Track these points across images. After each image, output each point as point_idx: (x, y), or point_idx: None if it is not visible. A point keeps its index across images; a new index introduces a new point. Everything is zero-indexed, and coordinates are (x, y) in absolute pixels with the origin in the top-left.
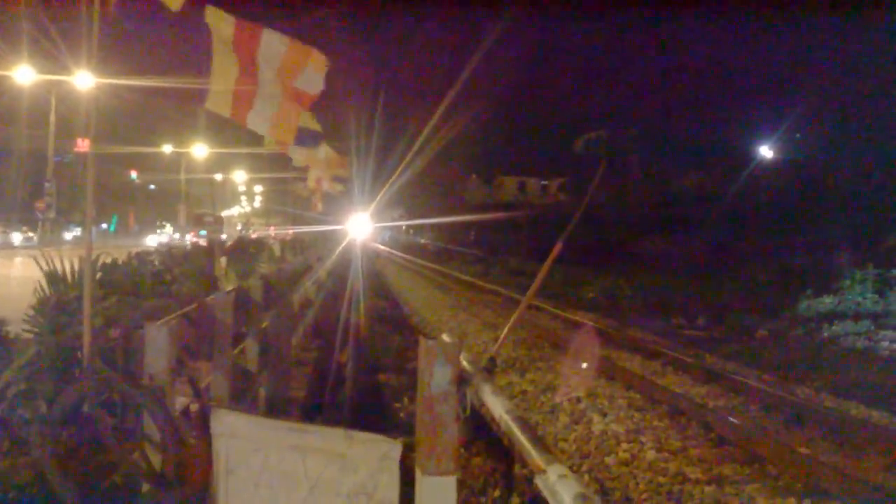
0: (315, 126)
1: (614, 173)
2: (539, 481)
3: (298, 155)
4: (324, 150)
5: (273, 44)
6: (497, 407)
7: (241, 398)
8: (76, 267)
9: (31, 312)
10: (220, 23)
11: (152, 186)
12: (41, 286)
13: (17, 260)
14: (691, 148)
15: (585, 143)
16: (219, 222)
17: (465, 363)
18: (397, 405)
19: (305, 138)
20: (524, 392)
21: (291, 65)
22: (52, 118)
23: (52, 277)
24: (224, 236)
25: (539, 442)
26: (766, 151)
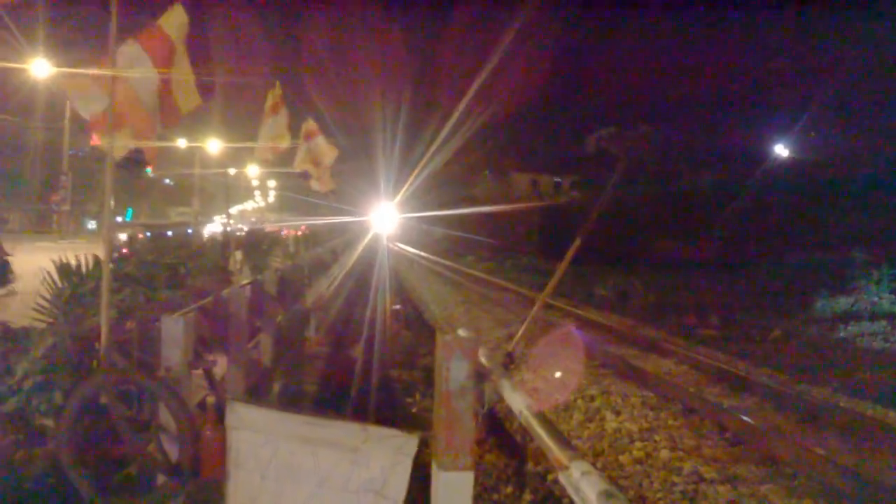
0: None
1: (626, 172)
2: (562, 477)
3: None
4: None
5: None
6: (517, 401)
7: (256, 392)
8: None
9: (42, 302)
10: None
11: (167, 181)
12: (51, 279)
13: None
14: (704, 146)
15: (597, 141)
16: None
17: (482, 359)
18: (409, 401)
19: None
20: (536, 389)
21: None
22: (68, 112)
23: (65, 269)
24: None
25: (561, 437)
26: (781, 150)
